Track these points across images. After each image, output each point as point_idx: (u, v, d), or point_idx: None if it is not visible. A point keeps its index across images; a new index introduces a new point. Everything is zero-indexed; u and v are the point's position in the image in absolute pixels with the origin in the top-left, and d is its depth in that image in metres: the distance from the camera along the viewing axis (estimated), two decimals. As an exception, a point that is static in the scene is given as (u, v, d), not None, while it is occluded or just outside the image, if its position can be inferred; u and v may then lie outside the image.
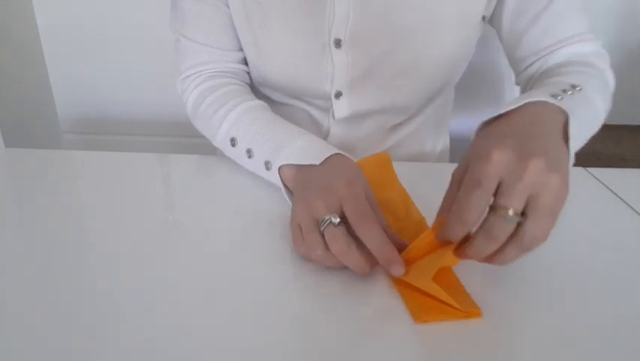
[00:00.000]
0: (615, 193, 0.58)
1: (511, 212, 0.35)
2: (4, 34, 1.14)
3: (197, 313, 0.38)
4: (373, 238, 0.40)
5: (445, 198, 0.41)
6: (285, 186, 0.52)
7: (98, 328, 0.36)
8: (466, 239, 0.38)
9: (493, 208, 0.36)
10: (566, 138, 0.40)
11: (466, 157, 0.41)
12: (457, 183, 0.40)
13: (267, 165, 0.53)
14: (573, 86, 0.47)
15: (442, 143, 0.80)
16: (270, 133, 0.56)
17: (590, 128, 0.50)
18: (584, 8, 0.59)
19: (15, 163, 0.64)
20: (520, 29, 0.60)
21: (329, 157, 0.49)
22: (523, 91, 0.64)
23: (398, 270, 0.40)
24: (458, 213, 0.36)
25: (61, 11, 1.03)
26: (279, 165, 0.52)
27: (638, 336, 0.38)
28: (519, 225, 0.35)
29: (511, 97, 0.83)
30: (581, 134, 0.44)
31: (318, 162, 0.49)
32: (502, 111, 0.42)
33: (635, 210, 0.55)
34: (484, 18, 0.63)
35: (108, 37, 1.06)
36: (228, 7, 0.62)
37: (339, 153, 0.50)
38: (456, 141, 0.85)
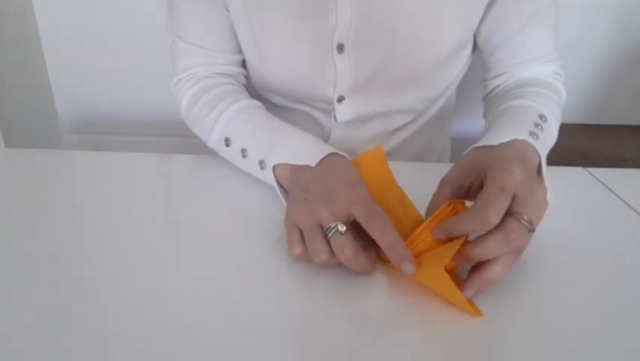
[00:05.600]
0: (615, 193, 0.58)
1: (526, 217, 0.38)
2: (4, 34, 1.14)
3: (197, 314, 0.38)
4: (386, 236, 0.41)
5: (435, 199, 0.45)
6: (280, 185, 0.51)
7: (97, 327, 0.36)
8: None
9: (511, 213, 0.39)
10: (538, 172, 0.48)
11: (465, 164, 0.46)
12: (449, 186, 0.45)
13: (262, 165, 0.53)
14: (541, 117, 0.54)
15: (443, 144, 0.80)
16: (264, 132, 0.55)
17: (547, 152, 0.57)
18: (557, 25, 0.63)
19: (15, 163, 0.64)
20: (496, 42, 0.63)
21: (325, 158, 0.49)
22: (486, 96, 0.69)
23: (410, 268, 0.40)
24: (481, 213, 0.38)
25: (62, 11, 1.03)
26: (273, 164, 0.51)
27: (638, 336, 0.38)
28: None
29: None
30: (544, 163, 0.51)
31: (313, 163, 0.48)
32: (494, 143, 0.47)
33: (635, 210, 0.55)
34: None
35: (109, 38, 1.05)
36: (226, 10, 0.62)
37: (334, 153, 0.50)
38: (456, 142, 0.85)
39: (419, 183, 0.52)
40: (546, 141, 0.52)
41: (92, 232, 0.49)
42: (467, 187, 0.46)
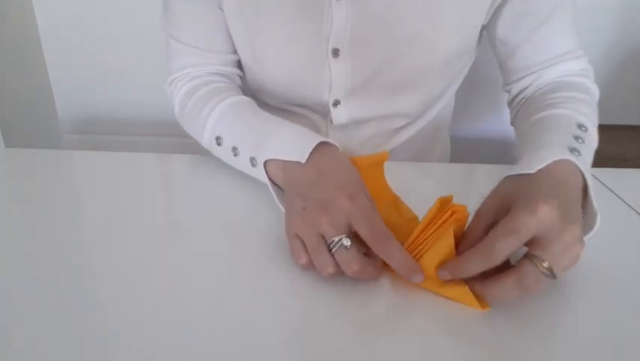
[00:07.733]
0: (615, 193, 0.58)
1: (545, 264, 0.36)
2: (4, 34, 1.14)
3: (197, 314, 0.38)
4: (395, 255, 0.41)
5: (470, 234, 0.41)
6: (272, 182, 0.51)
7: (97, 327, 0.37)
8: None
9: (529, 257, 0.37)
10: (584, 195, 0.43)
11: (499, 196, 0.42)
12: (483, 221, 0.41)
13: (253, 162, 0.52)
14: (580, 126, 0.49)
15: (442, 146, 0.80)
16: (252, 128, 0.54)
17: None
18: (575, 22, 0.61)
19: (15, 163, 0.64)
20: (514, 43, 0.61)
21: (314, 152, 0.48)
22: (512, 101, 0.66)
23: (419, 278, 0.40)
24: (486, 252, 0.37)
25: (61, 11, 1.03)
26: (263, 161, 0.50)
27: (638, 336, 0.38)
28: None
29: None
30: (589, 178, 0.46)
31: (303, 160, 0.47)
32: (531, 171, 0.42)
33: (635, 210, 0.55)
34: (483, 27, 0.62)
35: (109, 38, 1.05)
36: (222, 10, 0.61)
37: (323, 143, 0.49)
38: (457, 142, 0.85)
39: (419, 184, 0.52)
40: (589, 153, 0.49)
41: (92, 232, 0.49)
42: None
